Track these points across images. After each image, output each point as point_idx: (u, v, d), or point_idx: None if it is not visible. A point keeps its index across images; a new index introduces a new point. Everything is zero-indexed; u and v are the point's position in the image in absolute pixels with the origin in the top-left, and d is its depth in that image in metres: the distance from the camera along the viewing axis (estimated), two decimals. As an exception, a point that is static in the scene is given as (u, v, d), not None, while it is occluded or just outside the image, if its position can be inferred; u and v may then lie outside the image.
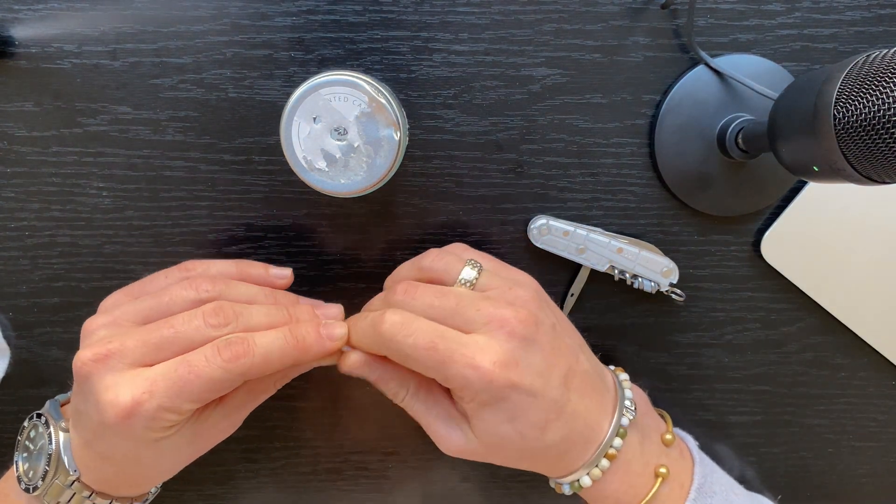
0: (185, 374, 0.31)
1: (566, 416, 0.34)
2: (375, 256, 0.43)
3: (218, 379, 0.32)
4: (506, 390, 0.32)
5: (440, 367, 0.32)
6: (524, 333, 0.33)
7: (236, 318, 0.33)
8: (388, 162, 0.35)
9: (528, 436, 0.34)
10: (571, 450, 0.35)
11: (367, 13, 0.40)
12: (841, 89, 0.27)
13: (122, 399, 0.31)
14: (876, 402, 0.47)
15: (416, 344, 0.32)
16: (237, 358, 0.32)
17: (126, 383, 0.31)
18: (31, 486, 0.35)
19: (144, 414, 0.31)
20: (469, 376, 0.32)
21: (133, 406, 0.31)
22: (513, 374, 0.32)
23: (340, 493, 0.48)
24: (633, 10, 0.40)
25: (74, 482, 0.35)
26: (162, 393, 0.31)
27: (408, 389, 0.36)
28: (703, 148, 0.41)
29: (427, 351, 0.32)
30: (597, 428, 0.35)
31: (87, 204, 0.42)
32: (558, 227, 0.42)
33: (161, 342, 0.32)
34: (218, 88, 0.40)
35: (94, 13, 0.39)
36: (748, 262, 0.44)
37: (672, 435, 0.38)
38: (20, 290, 0.43)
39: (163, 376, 0.31)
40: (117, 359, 0.32)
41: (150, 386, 0.31)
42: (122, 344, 0.32)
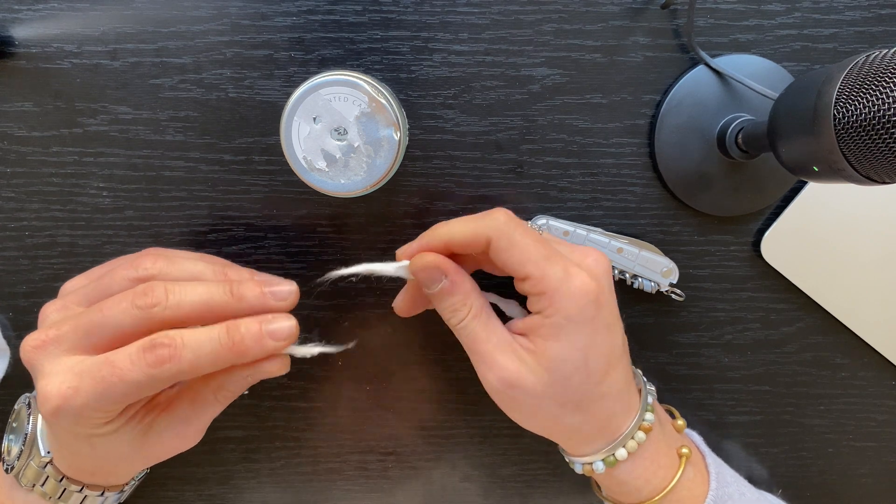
0: (108, 375, 0.30)
1: (621, 369, 0.35)
2: (375, 256, 0.43)
3: (142, 382, 0.30)
4: (592, 307, 0.33)
5: (543, 262, 0.33)
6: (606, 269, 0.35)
7: (166, 298, 0.31)
8: (388, 162, 0.35)
9: (594, 373, 0.33)
10: (617, 414, 0.35)
11: (367, 13, 0.40)
12: (841, 89, 0.27)
13: (51, 391, 0.30)
14: (876, 402, 0.47)
15: (528, 233, 0.33)
16: (162, 362, 0.30)
17: (57, 374, 0.30)
18: (9, 465, 0.35)
19: (71, 410, 0.30)
20: (566, 280, 0.32)
21: (60, 401, 0.30)
22: (601, 296, 0.33)
23: (340, 493, 0.48)
24: (633, 10, 0.40)
25: (47, 464, 0.35)
26: (87, 391, 0.30)
27: (471, 308, 0.35)
28: (703, 148, 0.41)
29: (536, 242, 0.33)
30: (634, 399, 0.36)
31: (87, 204, 0.42)
32: (558, 227, 0.42)
33: (90, 327, 0.31)
34: (218, 88, 0.40)
35: (94, 13, 0.39)
36: (748, 262, 0.44)
37: (683, 421, 0.39)
38: (20, 290, 0.43)
39: (89, 374, 0.30)
40: (53, 345, 0.31)
41: (77, 382, 0.30)
42: (59, 331, 0.31)
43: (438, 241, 0.35)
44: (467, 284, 0.35)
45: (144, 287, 0.31)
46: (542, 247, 0.33)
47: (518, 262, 0.33)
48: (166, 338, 0.30)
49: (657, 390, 0.46)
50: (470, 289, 0.35)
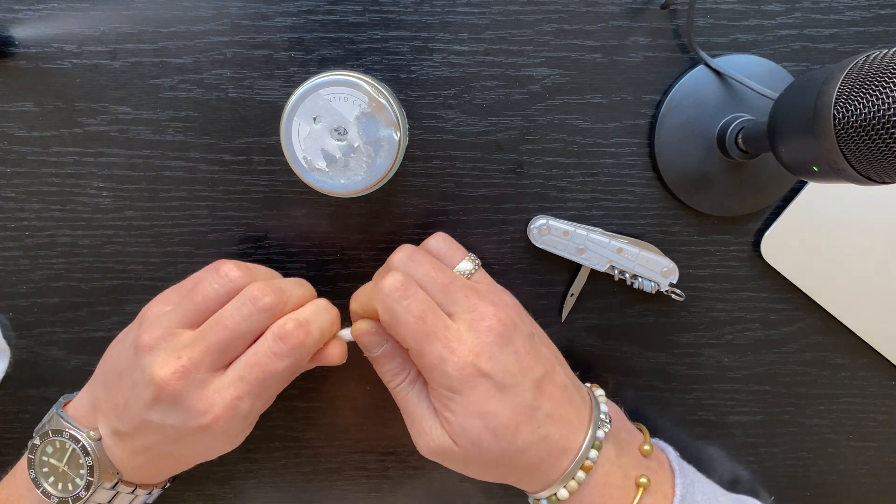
0: (259, 374, 0.33)
1: (537, 420, 0.34)
2: (375, 256, 0.43)
3: (290, 368, 0.34)
4: (475, 378, 0.33)
5: (422, 340, 0.33)
6: (501, 332, 0.34)
7: (282, 295, 0.35)
8: (388, 162, 0.35)
9: (500, 432, 0.33)
10: (546, 460, 0.35)
11: (367, 13, 0.40)
12: (841, 89, 0.27)
13: (218, 407, 0.33)
14: (876, 402, 0.47)
15: (409, 309, 0.33)
16: (301, 344, 0.34)
17: (215, 393, 0.33)
18: (69, 497, 0.36)
19: (240, 415, 0.34)
20: (444, 357, 0.33)
21: (230, 412, 0.33)
22: (484, 364, 0.33)
23: (340, 493, 0.48)
24: (633, 10, 0.40)
25: (118, 482, 0.36)
26: (248, 395, 0.34)
27: (408, 374, 0.37)
28: (703, 148, 0.41)
29: (416, 320, 0.33)
30: (572, 439, 0.35)
31: (87, 204, 0.42)
32: (558, 227, 0.42)
33: (223, 345, 0.34)
34: (218, 88, 0.40)
35: (94, 13, 0.39)
36: (748, 262, 0.44)
37: (650, 446, 0.38)
38: (20, 290, 0.43)
39: (243, 380, 0.34)
40: (194, 372, 0.33)
41: (236, 391, 0.33)
42: (191, 357, 0.33)
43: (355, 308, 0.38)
44: (404, 355, 0.37)
45: (258, 290, 0.34)
46: (422, 323, 0.33)
47: (400, 336, 0.34)
48: (291, 322, 0.34)
49: (657, 390, 0.46)
50: (408, 356, 0.36)
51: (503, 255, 0.43)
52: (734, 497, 0.40)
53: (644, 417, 0.46)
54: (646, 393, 0.46)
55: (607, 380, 0.46)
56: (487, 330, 0.34)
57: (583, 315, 0.45)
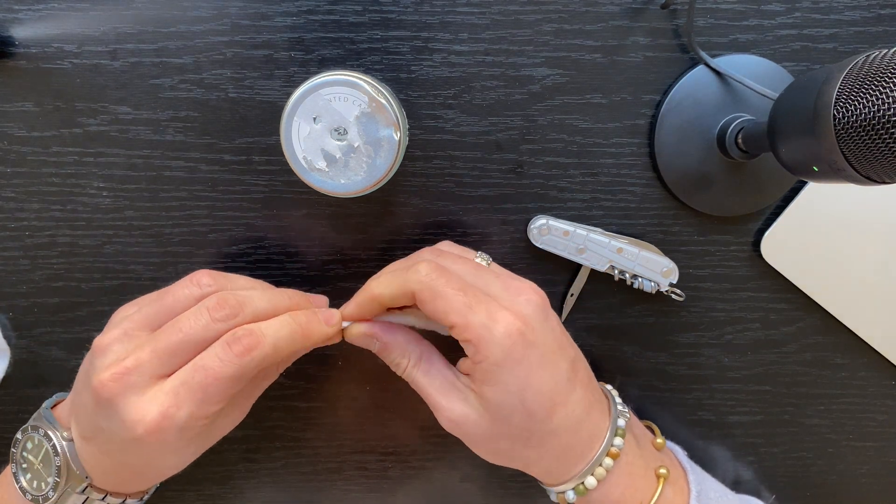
0: (203, 378, 0.31)
1: (572, 404, 0.34)
2: (375, 256, 0.43)
3: (235, 376, 0.32)
4: (521, 348, 0.33)
5: (465, 311, 0.33)
6: (541, 305, 0.34)
7: (241, 308, 0.33)
8: (388, 162, 0.35)
9: (536, 413, 0.33)
10: (574, 446, 0.35)
11: (367, 13, 0.40)
12: (841, 89, 0.27)
13: (150, 416, 0.31)
14: (876, 402, 0.47)
15: (449, 283, 0.33)
16: (249, 351, 0.32)
17: (150, 400, 0.31)
18: (40, 496, 0.35)
19: (175, 426, 0.31)
20: (490, 326, 0.32)
21: (162, 420, 0.31)
22: (529, 334, 0.33)
23: (340, 493, 0.48)
24: (633, 10, 0.40)
25: (87, 487, 0.35)
26: (187, 402, 0.31)
27: (409, 359, 0.36)
28: (703, 148, 0.41)
29: (457, 292, 0.33)
30: (598, 426, 0.35)
31: (87, 204, 0.42)
32: (558, 227, 0.42)
33: (173, 349, 0.32)
34: (218, 88, 0.40)
35: (94, 13, 0.39)
36: (748, 262, 0.44)
37: (662, 439, 0.39)
38: (20, 290, 0.43)
39: (183, 386, 0.31)
40: (136, 375, 0.32)
41: (175, 398, 0.31)
42: (138, 358, 0.32)
43: (369, 299, 0.36)
44: (400, 339, 0.36)
45: (218, 300, 0.33)
46: (464, 295, 0.33)
47: (442, 312, 0.33)
48: (244, 330, 0.32)
49: (657, 390, 0.46)
50: (404, 342, 0.36)
51: (503, 255, 0.43)
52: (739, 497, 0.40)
53: (644, 417, 0.46)
54: (646, 393, 0.46)
55: (608, 380, 0.46)
56: (527, 302, 0.34)
57: (583, 315, 0.45)
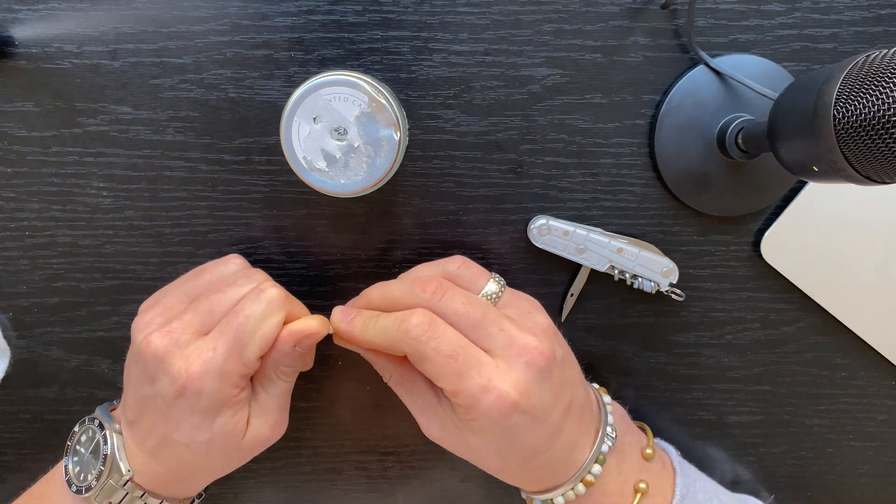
0: (234, 320, 0.33)
1: (556, 447, 0.34)
2: (375, 256, 0.43)
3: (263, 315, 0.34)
4: (511, 415, 0.32)
5: (455, 378, 0.32)
6: (542, 366, 0.33)
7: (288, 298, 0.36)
8: (388, 162, 0.35)
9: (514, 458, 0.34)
10: (551, 475, 0.35)
11: (367, 13, 0.40)
12: (841, 89, 0.27)
13: (193, 364, 0.33)
14: (876, 402, 0.47)
15: (439, 349, 0.32)
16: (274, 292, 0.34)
17: (194, 351, 0.33)
18: (83, 486, 0.36)
19: (215, 369, 0.33)
20: (479, 396, 0.32)
21: (203, 366, 0.33)
22: (524, 402, 0.32)
23: (340, 493, 0.48)
24: (633, 10, 0.40)
25: (128, 482, 0.36)
26: (223, 346, 0.33)
27: (391, 376, 0.37)
28: (703, 148, 0.41)
29: (447, 358, 0.32)
30: (578, 457, 0.35)
31: (87, 204, 0.42)
32: (558, 227, 0.42)
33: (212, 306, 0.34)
34: (218, 88, 0.40)
35: (94, 13, 0.39)
36: (748, 262, 0.44)
37: (652, 449, 0.38)
38: (20, 290, 0.43)
39: (220, 333, 0.33)
40: (180, 332, 0.34)
41: (213, 344, 0.33)
42: (180, 319, 0.34)
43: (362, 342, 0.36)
44: (381, 359, 0.37)
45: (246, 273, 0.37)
46: (454, 361, 0.32)
47: (431, 375, 0.33)
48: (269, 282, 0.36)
49: (657, 390, 0.46)
50: (385, 361, 0.37)
51: (503, 255, 0.43)
52: (736, 497, 0.40)
53: (644, 417, 0.46)
54: (646, 393, 0.46)
55: (607, 380, 0.46)
56: (528, 365, 0.33)
57: (583, 315, 0.45)
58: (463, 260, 0.38)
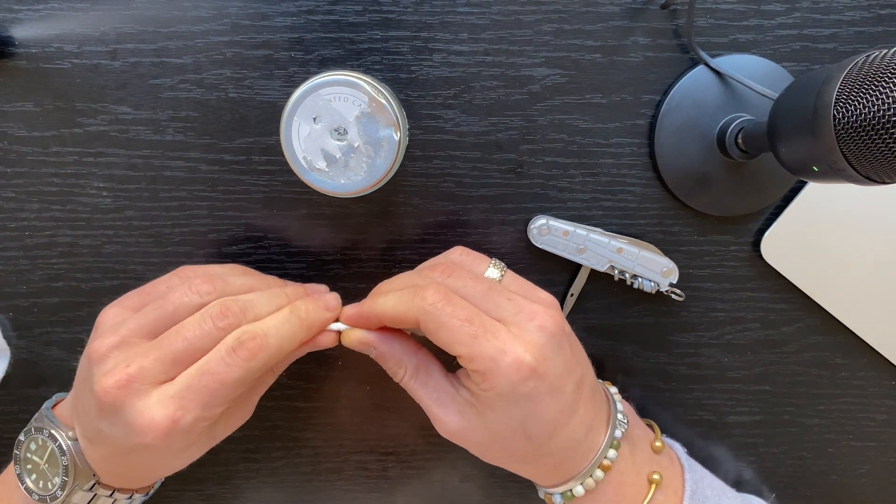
0: (209, 383, 0.32)
1: (573, 424, 0.34)
2: (375, 256, 0.43)
3: (240, 379, 0.32)
4: (528, 380, 0.32)
5: (471, 342, 0.32)
6: (554, 330, 0.33)
7: (244, 314, 0.34)
8: (388, 162, 0.35)
9: (535, 437, 0.33)
10: (569, 459, 0.35)
11: (367, 13, 0.40)
12: (841, 89, 0.27)
13: (157, 421, 0.31)
14: (876, 402, 0.47)
15: (455, 313, 0.32)
16: (254, 354, 0.32)
17: (156, 405, 0.32)
18: (47, 496, 0.35)
19: (182, 429, 0.32)
20: (496, 358, 0.32)
21: (171, 425, 0.31)
22: (540, 365, 0.32)
23: (340, 493, 0.48)
24: (633, 10, 0.40)
25: (95, 484, 0.36)
26: (193, 406, 0.32)
27: (406, 370, 0.37)
28: (703, 148, 0.41)
29: (463, 322, 0.32)
30: (594, 440, 0.35)
31: (87, 204, 0.42)
32: (558, 227, 0.42)
33: (177, 356, 0.32)
34: (218, 88, 0.40)
35: (94, 13, 0.39)
36: (748, 262, 0.44)
37: (661, 442, 0.38)
38: (20, 290, 0.43)
39: (189, 390, 0.32)
40: (139, 382, 0.32)
41: (181, 402, 0.32)
42: (141, 366, 0.32)
43: (372, 315, 0.35)
44: (397, 350, 0.36)
45: (220, 308, 0.33)
46: (470, 325, 0.32)
47: (446, 343, 0.33)
48: (248, 333, 0.33)
49: (657, 390, 0.46)
50: (401, 352, 0.36)
51: (503, 256, 0.43)
52: (740, 495, 0.40)
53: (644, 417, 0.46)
54: (646, 393, 0.46)
55: (607, 379, 0.46)
56: (540, 329, 0.33)
57: (583, 315, 0.45)
58: (462, 249, 0.38)
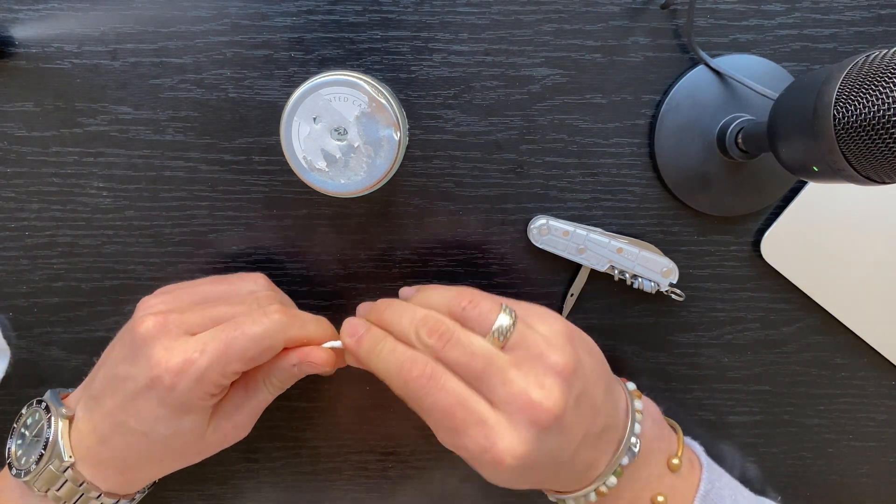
0: (230, 331, 0.33)
1: (567, 471, 0.34)
2: (375, 256, 0.43)
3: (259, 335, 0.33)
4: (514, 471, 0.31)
5: (451, 435, 0.32)
6: (548, 424, 0.31)
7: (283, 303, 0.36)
8: (388, 162, 0.35)
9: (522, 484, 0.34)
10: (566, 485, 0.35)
11: (367, 13, 0.40)
12: (841, 89, 0.27)
13: (175, 356, 0.33)
14: (876, 402, 0.47)
15: (436, 403, 0.31)
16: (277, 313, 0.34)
17: (181, 346, 0.33)
18: (22, 470, 0.35)
19: (194, 373, 0.33)
20: (476, 455, 0.31)
21: (184, 364, 0.32)
22: (527, 459, 0.31)
23: (340, 493, 0.48)
24: (633, 10, 0.40)
25: (68, 468, 0.35)
26: (211, 352, 0.33)
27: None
28: (703, 148, 0.41)
29: (443, 415, 0.31)
30: (594, 471, 0.35)
31: (87, 204, 0.42)
32: (558, 227, 0.42)
33: (218, 317, 0.35)
34: (218, 88, 0.40)
35: (94, 13, 0.39)
36: (748, 262, 0.44)
37: (679, 460, 0.37)
38: (20, 290, 0.43)
39: (211, 337, 0.33)
40: (175, 324, 0.34)
41: (202, 346, 0.33)
42: (183, 312, 0.34)
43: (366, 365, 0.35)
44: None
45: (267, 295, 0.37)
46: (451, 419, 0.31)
47: (432, 427, 0.33)
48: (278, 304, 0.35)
49: (657, 390, 0.46)
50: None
51: (503, 255, 0.43)
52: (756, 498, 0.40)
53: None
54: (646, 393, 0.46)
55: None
56: (531, 424, 0.31)
57: (583, 315, 0.45)
58: (471, 297, 0.34)
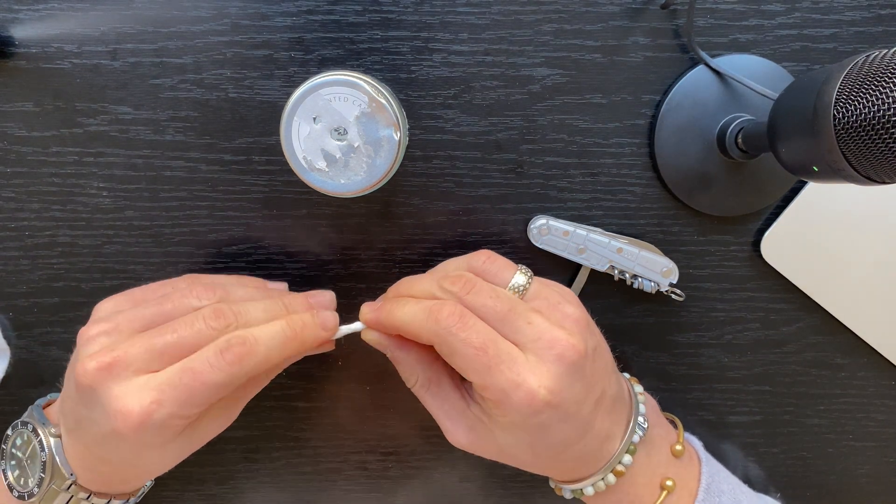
0: (190, 381, 0.31)
1: (587, 437, 0.34)
2: (375, 256, 0.43)
3: (223, 382, 0.32)
4: (541, 412, 0.32)
5: (483, 372, 0.32)
6: (573, 360, 0.32)
7: (236, 319, 0.33)
8: (388, 162, 0.35)
9: (545, 455, 0.34)
10: (583, 466, 0.35)
11: (367, 13, 0.40)
12: (841, 89, 0.27)
13: (132, 409, 0.31)
14: (876, 402, 0.47)
15: (468, 340, 0.32)
16: (240, 359, 0.32)
17: (134, 393, 0.31)
18: (25, 493, 0.35)
19: (155, 423, 0.31)
20: (509, 392, 0.31)
21: (143, 416, 0.31)
22: (554, 398, 0.31)
23: (340, 493, 0.48)
24: (633, 10, 0.40)
25: (72, 485, 0.35)
26: (170, 402, 0.31)
27: (417, 379, 0.36)
28: (703, 148, 0.41)
29: (477, 351, 0.31)
30: (609, 444, 0.35)
31: (87, 204, 0.42)
32: (558, 227, 0.42)
33: (164, 348, 0.32)
34: (218, 88, 0.40)
35: (94, 13, 0.39)
36: (748, 262, 0.44)
37: (682, 445, 0.38)
38: (20, 290, 0.43)
39: (169, 385, 0.31)
40: (122, 367, 0.31)
41: (159, 395, 0.31)
42: (126, 352, 0.32)
43: (388, 324, 0.35)
44: (411, 358, 0.36)
45: (214, 310, 0.33)
46: (484, 355, 0.31)
47: (460, 368, 0.33)
48: (238, 337, 0.32)
49: (657, 390, 0.46)
50: (415, 362, 0.36)
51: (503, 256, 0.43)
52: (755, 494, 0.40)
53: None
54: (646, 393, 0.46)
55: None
56: (558, 359, 0.32)
57: (583, 315, 0.45)
58: (488, 254, 0.37)
